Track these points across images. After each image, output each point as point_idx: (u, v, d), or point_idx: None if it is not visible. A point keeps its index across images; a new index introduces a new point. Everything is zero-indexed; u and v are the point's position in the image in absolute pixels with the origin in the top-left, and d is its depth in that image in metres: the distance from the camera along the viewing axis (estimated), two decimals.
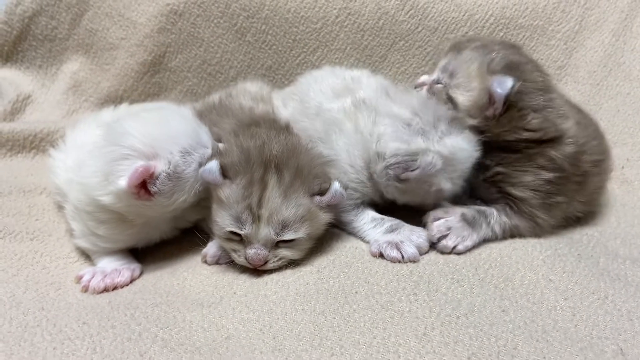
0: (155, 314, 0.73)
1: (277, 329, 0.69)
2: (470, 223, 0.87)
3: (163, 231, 0.91)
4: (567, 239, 0.90)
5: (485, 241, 0.87)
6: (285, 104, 1.12)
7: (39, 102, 1.41)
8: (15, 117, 1.37)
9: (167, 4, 1.36)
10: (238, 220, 0.79)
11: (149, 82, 1.42)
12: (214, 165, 0.80)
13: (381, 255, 0.84)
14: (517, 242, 0.86)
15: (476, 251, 0.84)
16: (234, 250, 0.83)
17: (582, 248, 0.87)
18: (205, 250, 0.89)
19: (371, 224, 0.90)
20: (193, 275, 0.84)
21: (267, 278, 0.81)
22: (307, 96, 1.04)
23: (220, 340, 0.67)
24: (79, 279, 0.84)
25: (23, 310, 0.75)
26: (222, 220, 0.81)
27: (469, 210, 0.88)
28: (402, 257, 0.82)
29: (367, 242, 0.89)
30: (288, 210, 0.79)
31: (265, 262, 0.81)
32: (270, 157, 0.81)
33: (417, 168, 0.82)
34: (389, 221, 0.90)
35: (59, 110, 1.40)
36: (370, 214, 0.92)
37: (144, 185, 0.77)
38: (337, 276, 0.79)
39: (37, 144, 1.26)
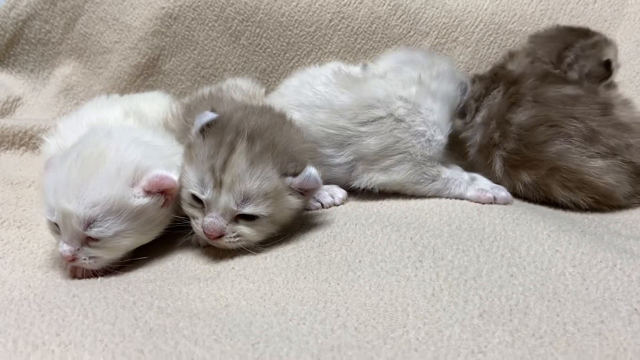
0: (149, 288, 0.70)
1: (279, 296, 0.66)
2: None
3: None
4: (569, 220, 0.89)
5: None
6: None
7: (29, 105, 1.39)
8: (5, 117, 1.34)
9: (162, 8, 1.37)
10: (201, 183, 0.76)
11: (142, 85, 1.41)
12: (210, 114, 0.82)
13: (488, 200, 0.94)
14: (521, 219, 0.84)
15: (479, 226, 0.82)
16: (194, 217, 0.79)
17: (585, 227, 0.86)
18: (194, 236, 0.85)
19: (456, 172, 0.98)
20: (187, 255, 0.81)
21: (265, 254, 0.78)
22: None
23: (220, 308, 0.64)
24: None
25: (9, 287, 0.72)
26: (187, 181, 0.78)
27: None
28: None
29: (454, 192, 0.96)
30: (252, 180, 0.75)
31: (221, 236, 0.75)
32: (245, 125, 0.79)
33: None
34: (466, 173, 0.99)
35: (49, 112, 1.38)
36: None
37: None
38: (339, 249, 0.77)
39: (26, 140, 1.24)
